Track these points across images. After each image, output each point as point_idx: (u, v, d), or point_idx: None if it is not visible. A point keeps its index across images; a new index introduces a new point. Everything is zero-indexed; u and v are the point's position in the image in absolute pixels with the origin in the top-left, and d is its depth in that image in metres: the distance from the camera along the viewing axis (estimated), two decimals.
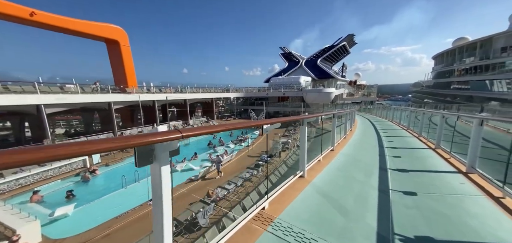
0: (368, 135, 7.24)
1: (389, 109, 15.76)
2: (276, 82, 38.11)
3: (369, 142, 5.84)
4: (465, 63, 28.68)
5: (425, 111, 6.83)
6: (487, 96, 24.43)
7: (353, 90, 47.86)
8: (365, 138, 6.61)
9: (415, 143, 5.69)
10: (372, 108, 27.33)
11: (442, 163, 3.76)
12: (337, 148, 4.89)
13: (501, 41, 23.66)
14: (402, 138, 6.67)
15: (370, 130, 8.47)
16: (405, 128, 8.70)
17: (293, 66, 46.17)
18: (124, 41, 20.80)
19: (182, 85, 27.50)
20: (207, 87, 32.60)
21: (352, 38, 44.85)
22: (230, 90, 36.40)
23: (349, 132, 7.19)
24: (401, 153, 4.53)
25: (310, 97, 29.94)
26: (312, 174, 3.13)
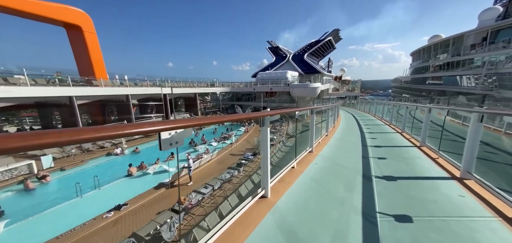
0: (351, 132, 6.81)
1: (371, 104, 15.99)
2: (263, 77, 37.24)
3: (351, 140, 5.42)
4: (439, 60, 30.49)
5: (408, 105, 6.62)
6: (457, 91, 26.27)
7: (338, 85, 48.99)
8: (347, 136, 6.11)
9: (399, 140, 5.32)
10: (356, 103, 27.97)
11: (431, 165, 3.25)
12: (317, 149, 4.33)
13: (471, 38, 25.34)
14: (386, 134, 6.40)
15: (353, 126, 8.20)
16: (388, 123, 8.62)
17: (281, 60, 45.62)
18: (87, 27, 18.15)
19: (162, 79, 25.35)
20: (190, 82, 30.69)
21: (337, 33, 45.40)
22: (216, 85, 34.72)
23: (332, 128, 6.82)
24: (386, 153, 3.99)
25: (296, 92, 29.67)
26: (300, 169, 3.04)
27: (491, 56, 22.01)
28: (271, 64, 45.82)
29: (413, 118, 6.15)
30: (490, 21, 23.80)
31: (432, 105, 4.34)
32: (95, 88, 16.71)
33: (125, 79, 22.06)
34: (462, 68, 26.01)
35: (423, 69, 34.70)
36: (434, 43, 31.97)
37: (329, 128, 5.99)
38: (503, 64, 18.90)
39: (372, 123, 9.20)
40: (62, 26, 18.09)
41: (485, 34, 23.73)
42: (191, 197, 7.09)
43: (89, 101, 17.44)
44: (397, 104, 8.71)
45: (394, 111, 8.56)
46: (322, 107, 5.48)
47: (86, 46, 18.29)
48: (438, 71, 30.38)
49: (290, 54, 46.03)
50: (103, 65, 19.79)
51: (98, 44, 19.09)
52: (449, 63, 28.19)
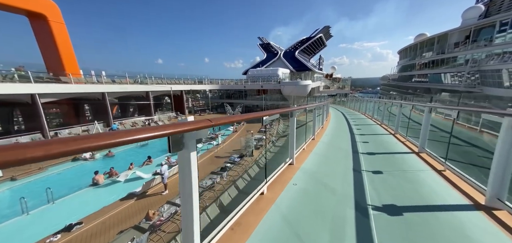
0: (340, 128, 7.47)
1: (358, 101, 17.13)
2: (254, 74, 36.34)
3: (342, 129, 6.46)
4: (424, 58, 31.27)
5: (386, 102, 7.86)
6: (441, 88, 27.04)
7: (329, 83, 49.26)
8: (336, 140, 5.67)
9: (379, 130, 6.30)
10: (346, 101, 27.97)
11: (400, 145, 4.28)
12: (299, 156, 3.97)
13: (454, 36, 26.06)
14: (369, 126, 7.35)
15: (342, 123, 8.71)
16: (370, 117, 9.61)
17: (272, 57, 44.93)
18: (54, 16, 16.15)
19: (142, 75, 23.59)
20: (177, 78, 29.06)
21: (328, 30, 45.38)
22: (204, 82, 33.25)
23: (320, 129, 6.59)
24: (368, 139, 5.06)
25: (287, 90, 29.12)
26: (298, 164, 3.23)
27: (474, 54, 22.69)
28: (262, 61, 44.99)
29: (408, 119, 5.64)
30: (473, 19, 24.50)
31: (433, 105, 3.77)
32: (64, 86, 14.93)
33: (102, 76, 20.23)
34: (446, 66, 26.75)
35: (410, 67, 35.54)
36: (420, 42, 32.72)
37: (315, 131, 5.43)
38: (486, 62, 19.44)
39: (362, 122, 8.84)
40: (24, 15, 15.98)
41: (468, 33, 24.42)
42: (162, 210, 6.12)
43: (58, 100, 15.65)
44: (389, 102, 8.34)
45: (385, 110, 8.39)
46: (304, 107, 4.79)
47: (53, 38, 16.29)
48: (424, 69, 31.17)
49: (282, 51, 45.44)
50: (75, 59, 17.84)
51: (68, 35, 17.12)
52: (434, 61, 28.93)
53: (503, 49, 19.40)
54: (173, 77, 29.38)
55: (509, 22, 19.70)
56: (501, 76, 17.30)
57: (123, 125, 18.66)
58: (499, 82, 17.46)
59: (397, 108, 5.89)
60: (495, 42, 20.84)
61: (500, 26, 20.65)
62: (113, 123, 17.95)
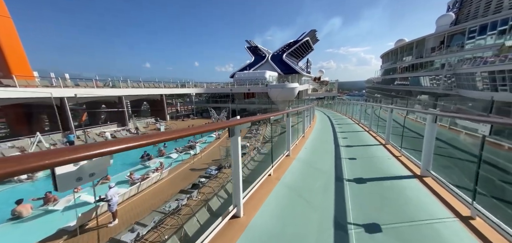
0: (325, 131, 7.17)
1: (344, 104, 16.87)
2: (241, 77, 35.23)
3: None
4: (405, 62, 32.62)
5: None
6: (421, 91, 28.15)
7: (317, 86, 49.86)
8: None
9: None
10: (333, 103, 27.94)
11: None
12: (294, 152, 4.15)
13: (431, 42, 27.40)
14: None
15: (327, 126, 8.52)
16: (357, 122, 9.41)
17: (260, 60, 44.38)
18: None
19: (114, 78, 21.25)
20: (157, 81, 26.91)
21: (314, 34, 46.02)
22: (187, 86, 31.32)
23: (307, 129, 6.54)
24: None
25: (274, 93, 28.36)
26: None
27: (449, 58, 23.84)
28: (250, 64, 44.22)
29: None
30: (445, 26, 25.94)
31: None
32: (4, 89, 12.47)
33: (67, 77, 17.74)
34: (425, 70, 27.96)
35: (392, 70, 36.96)
36: (400, 46, 34.18)
37: (299, 136, 5.48)
38: (460, 66, 20.33)
39: (343, 122, 9.78)
40: None
41: (442, 38, 25.75)
42: None
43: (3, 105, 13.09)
44: (364, 104, 9.68)
45: (362, 111, 9.35)
46: (287, 112, 3.91)
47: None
48: (405, 73, 32.46)
49: (269, 54, 45.11)
50: (25, 58, 15.29)
51: (15, 32, 14.61)
52: (414, 65, 30.20)
53: (473, 54, 20.52)
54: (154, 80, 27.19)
55: (477, 29, 20.96)
56: (474, 79, 18.09)
57: (88, 135, 16.29)
58: (474, 85, 18.23)
59: (386, 113, 5.47)
60: (466, 48, 22.06)
61: (469, 33, 21.94)
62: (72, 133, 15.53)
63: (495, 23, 18.72)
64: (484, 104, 15.32)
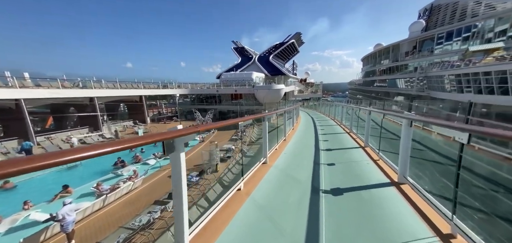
0: (307, 133, 7.10)
1: (327, 105, 17.00)
2: (227, 78, 34.59)
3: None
4: (383, 65, 34.72)
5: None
6: (398, 92, 30.11)
7: (303, 87, 50.98)
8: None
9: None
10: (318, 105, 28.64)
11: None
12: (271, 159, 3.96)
13: (405, 46, 29.50)
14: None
15: (310, 128, 8.47)
16: (339, 123, 9.36)
17: (247, 61, 44.13)
18: None
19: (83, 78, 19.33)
20: (136, 82, 25.15)
21: (299, 37, 47.02)
22: (170, 86, 29.81)
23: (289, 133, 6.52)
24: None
25: (261, 94, 28.23)
26: None
27: (420, 62, 25.82)
28: (237, 65, 43.74)
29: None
30: (417, 32, 28.10)
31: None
32: None
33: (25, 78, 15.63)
34: (400, 73, 29.97)
35: (371, 73, 39.12)
36: (378, 50, 36.35)
37: (280, 139, 5.38)
38: (430, 69, 22.06)
39: (326, 123, 9.88)
40: None
41: (414, 44, 27.83)
42: None
43: None
44: (345, 106, 9.84)
45: (344, 112, 9.43)
46: (263, 115, 3.60)
47: None
48: (383, 75, 34.54)
49: (256, 55, 45.08)
50: None
51: None
52: (390, 68, 32.25)
53: (441, 58, 22.44)
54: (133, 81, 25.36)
55: (444, 35, 22.99)
56: (443, 82, 19.72)
57: (51, 141, 14.50)
58: (442, 87, 19.86)
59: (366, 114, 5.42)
60: (435, 53, 24.08)
61: (437, 39, 24.00)
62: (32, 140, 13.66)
63: (460, 30, 20.63)
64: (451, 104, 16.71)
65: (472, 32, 19.34)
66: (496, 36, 16.91)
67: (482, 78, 13.66)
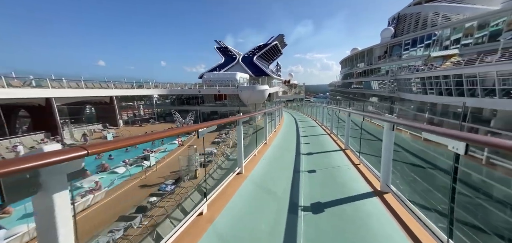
0: (289, 136, 6.80)
1: (310, 106, 17.33)
2: (210, 78, 33.43)
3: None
4: (359, 68, 37.14)
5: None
6: (372, 94, 32.43)
7: (287, 89, 52.00)
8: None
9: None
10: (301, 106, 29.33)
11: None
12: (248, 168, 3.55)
13: (377, 51, 31.95)
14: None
15: (292, 130, 8.19)
16: (320, 124, 9.30)
17: (231, 61, 43.30)
18: None
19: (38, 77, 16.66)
20: (106, 81, 22.61)
21: (282, 39, 47.87)
22: (146, 86, 27.56)
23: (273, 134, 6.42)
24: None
25: (245, 95, 27.83)
26: None
27: (390, 66, 28.17)
28: (220, 65, 42.61)
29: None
30: (387, 38, 30.66)
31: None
32: None
33: None
34: (374, 75, 32.34)
35: (349, 75, 41.60)
36: (354, 54, 38.81)
37: (260, 144, 5.02)
38: (400, 72, 24.15)
39: (308, 124, 9.81)
40: None
41: (385, 48, 30.30)
42: None
43: None
44: (326, 107, 9.91)
45: (325, 113, 9.42)
46: (238, 118, 3.20)
47: None
48: (359, 77, 36.95)
49: (240, 55, 44.54)
50: None
51: None
52: (366, 70, 34.63)
53: (408, 63, 24.75)
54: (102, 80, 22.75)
55: (410, 42, 25.44)
56: (410, 84, 21.71)
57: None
58: (410, 89, 21.85)
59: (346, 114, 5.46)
60: (403, 57, 26.50)
61: (404, 45, 26.46)
62: None
63: (423, 37, 22.98)
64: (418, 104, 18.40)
65: (432, 39, 21.69)
66: (452, 44, 19.21)
67: (442, 81, 15.30)
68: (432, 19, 24.24)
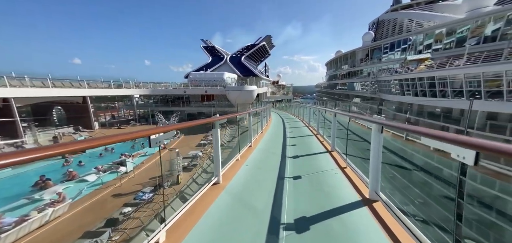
0: (276, 138, 6.60)
1: (297, 107, 17.53)
2: (196, 78, 32.26)
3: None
4: (343, 70, 38.69)
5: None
6: (356, 95, 33.95)
7: (276, 89, 52.38)
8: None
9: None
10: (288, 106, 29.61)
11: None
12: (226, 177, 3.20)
13: (359, 54, 33.55)
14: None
15: (279, 131, 8.00)
16: (307, 124, 9.27)
17: (218, 61, 42.36)
18: None
19: None
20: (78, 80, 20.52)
21: (270, 40, 48.17)
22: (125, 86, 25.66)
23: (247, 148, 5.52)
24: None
25: (233, 95, 27.31)
26: None
27: (371, 68, 29.72)
28: (207, 64, 41.46)
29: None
30: (368, 42, 32.36)
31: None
32: None
33: None
34: (357, 77, 33.88)
35: (334, 77, 43.16)
36: (339, 57, 40.36)
37: (244, 148, 4.76)
38: (380, 74, 25.54)
39: (295, 125, 9.73)
40: None
41: (367, 52, 31.92)
42: None
43: None
44: (313, 107, 9.93)
45: (311, 114, 9.43)
46: (214, 120, 2.87)
47: None
48: (343, 79, 38.47)
49: (228, 55, 43.82)
50: None
51: None
52: (349, 72, 36.16)
53: (387, 65, 26.31)
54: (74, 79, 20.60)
55: (388, 46, 27.08)
56: (390, 85, 23.05)
57: None
58: (390, 90, 23.19)
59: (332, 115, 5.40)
60: (382, 60, 28.11)
61: (383, 49, 28.10)
62: None
63: (399, 42, 24.55)
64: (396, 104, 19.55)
65: (408, 44, 23.30)
66: (424, 49, 20.79)
67: (417, 83, 16.42)
68: (407, 25, 26.09)
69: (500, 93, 10.70)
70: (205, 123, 2.76)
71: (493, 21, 15.75)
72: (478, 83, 11.56)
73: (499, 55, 11.03)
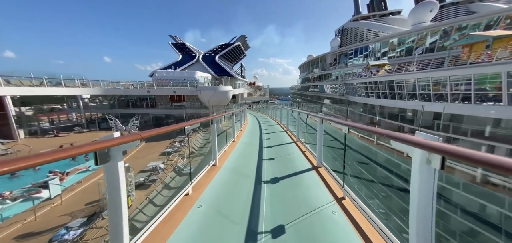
0: (252, 139, 6.42)
1: (274, 109, 17.22)
2: (163, 77, 28.91)
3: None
4: (314, 73, 40.82)
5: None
6: (326, 96, 36.11)
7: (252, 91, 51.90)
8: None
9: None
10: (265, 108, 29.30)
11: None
12: None
13: (328, 58, 35.87)
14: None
15: (255, 132, 7.84)
16: (285, 129, 9.39)
17: (189, 60, 39.30)
18: None
19: None
20: None
21: (245, 40, 47.52)
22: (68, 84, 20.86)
23: None
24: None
25: (206, 96, 25.39)
26: None
27: (339, 72, 32.02)
28: (177, 63, 38.00)
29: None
30: (335, 47, 34.89)
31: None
32: None
33: None
34: (326, 80, 36.09)
35: (307, 79, 45.24)
36: (310, 60, 42.50)
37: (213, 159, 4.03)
38: (347, 78, 27.57)
39: (272, 129, 9.48)
40: None
41: (335, 56, 34.33)
42: None
43: None
44: (287, 108, 10.51)
45: (289, 116, 9.71)
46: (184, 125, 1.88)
47: None
48: (315, 82, 40.56)
49: (200, 54, 41.16)
50: None
51: None
52: (320, 76, 38.30)
53: (352, 70, 28.70)
54: None
55: (353, 52, 29.61)
56: (356, 88, 25.05)
57: None
58: (355, 92, 25.18)
59: None
60: (348, 65, 30.57)
61: (348, 54, 30.63)
62: None
63: (362, 48, 26.98)
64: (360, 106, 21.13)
65: (369, 51, 25.81)
66: (382, 56, 23.33)
67: (380, 86, 18.04)
68: (366, 34, 29.03)
69: (443, 97, 12.29)
70: (172, 130, 1.82)
71: (430, 34, 18.66)
72: (428, 87, 13.10)
73: (442, 62, 12.75)
